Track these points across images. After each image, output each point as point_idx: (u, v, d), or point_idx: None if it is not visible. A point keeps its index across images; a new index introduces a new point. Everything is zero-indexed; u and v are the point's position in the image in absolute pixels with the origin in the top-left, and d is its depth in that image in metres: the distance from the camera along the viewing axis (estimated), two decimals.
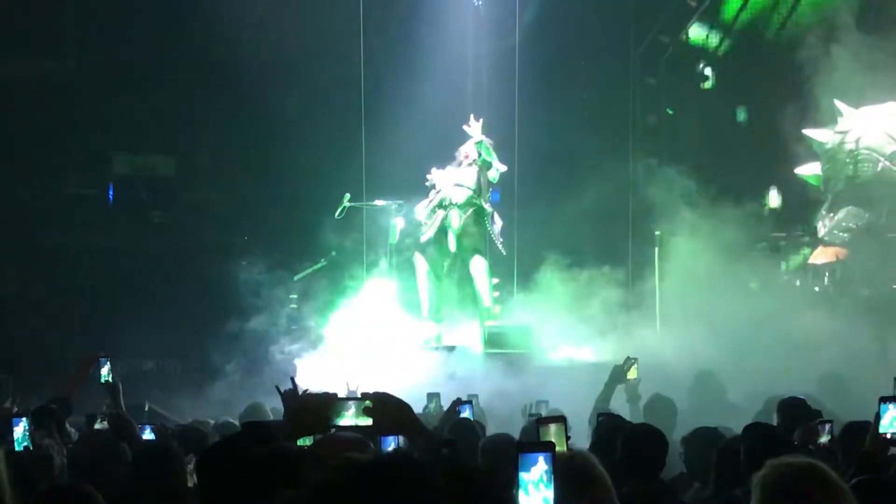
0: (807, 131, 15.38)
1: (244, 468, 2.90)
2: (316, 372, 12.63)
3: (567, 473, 3.38)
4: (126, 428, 5.84)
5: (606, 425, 5.89)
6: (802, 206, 15.99)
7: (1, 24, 15.54)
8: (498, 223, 13.75)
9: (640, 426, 5.76)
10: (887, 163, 14.80)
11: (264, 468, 2.90)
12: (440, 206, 13.65)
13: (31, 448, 4.61)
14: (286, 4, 15.18)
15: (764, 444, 4.77)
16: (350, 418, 3.33)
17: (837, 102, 15.10)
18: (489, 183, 13.66)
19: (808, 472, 3.17)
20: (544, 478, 3.02)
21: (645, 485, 4.95)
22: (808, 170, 15.62)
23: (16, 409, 8.39)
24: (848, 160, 15.14)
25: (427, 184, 13.88)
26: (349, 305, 13.81)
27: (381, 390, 3.34)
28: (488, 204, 13.70)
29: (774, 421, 6.58)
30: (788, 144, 15.38)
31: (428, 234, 13.68)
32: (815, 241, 15.34)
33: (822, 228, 15.25)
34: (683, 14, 16.80)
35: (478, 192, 13.60)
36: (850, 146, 15.08)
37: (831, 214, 15.21)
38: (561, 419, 4.01)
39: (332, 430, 3.41)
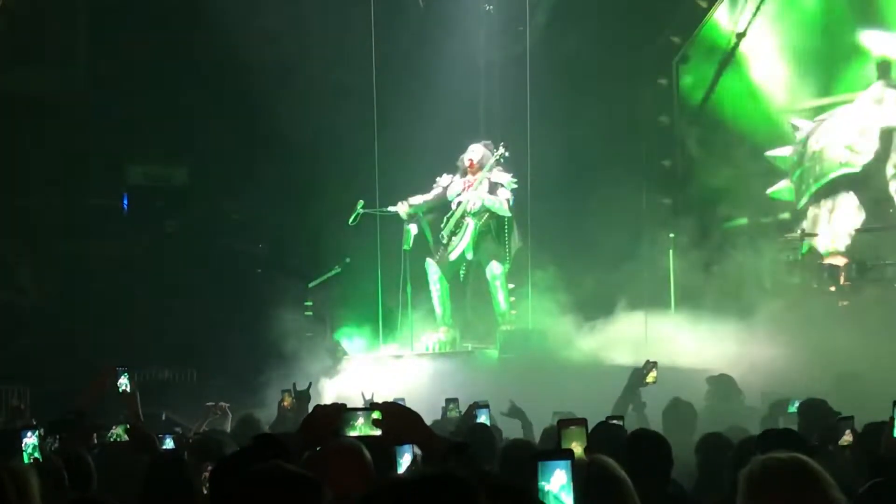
0: (769, 152, 15.56)
1: (258, 482, 2.87)
2: (332, 380, 12.63)
3: (588, 480, 3.35)
4: (146, 439, 5.83)
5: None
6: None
7: (13, 34, 15.58)
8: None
9: (640, 431, 5.50)
10: (848, 152, 14.94)
11: (282, 485, 2.86)
12: (462, 217, 13.66)
13: (41, 460, 4.58)
14: (299, 13, 15.19)
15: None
16: (359, 429, 3.31)
17: (793, 119, 15.26)
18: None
19: (791, 466, 3.15)
20: (565, 487, 2.98)
21: (653, 489, 4.86)
22: (779, 187, 15.74)
23: (32, 420, 8.41)
24: (813, 162, 15.28)
25: (435, 188, 13.90)
26: (363, 312, 13.81)
27: (391, 400, 3.31)
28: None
29: (782, 424, 6.47)
30: None
31: (458, 249, 13.68)
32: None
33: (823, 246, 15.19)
34: (695, 15, 16.73)
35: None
36: (813, 148, 15.30)
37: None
38: (582, 422, 3.97)
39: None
